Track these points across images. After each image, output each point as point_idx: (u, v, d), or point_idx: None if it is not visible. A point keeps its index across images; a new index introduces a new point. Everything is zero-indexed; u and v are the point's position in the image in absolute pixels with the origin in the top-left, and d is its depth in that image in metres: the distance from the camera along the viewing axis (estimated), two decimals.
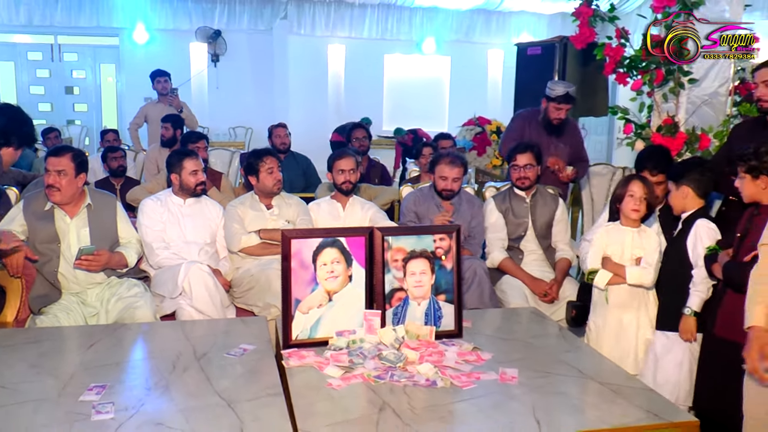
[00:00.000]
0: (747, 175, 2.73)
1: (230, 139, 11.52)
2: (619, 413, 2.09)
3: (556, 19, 12.83)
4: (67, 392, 2.13)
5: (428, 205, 4.06)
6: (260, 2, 11.87)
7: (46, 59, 12.18)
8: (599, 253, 3.15)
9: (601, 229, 3.23)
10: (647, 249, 3.07)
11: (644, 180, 3.13)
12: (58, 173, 3.30)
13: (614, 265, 3.09)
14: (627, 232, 3.12)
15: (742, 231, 2.83)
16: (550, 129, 4.91)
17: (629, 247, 3.10)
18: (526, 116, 5.13)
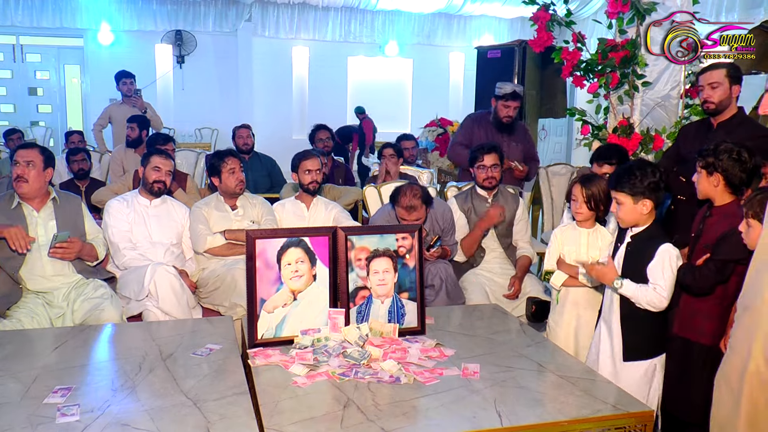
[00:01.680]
0: (703, 171, 2.82)
1: (196, 140, 11.45)
2: (578, 405, 2.15)
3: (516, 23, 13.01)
4: (30, 395, 2.12)
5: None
6: (225, 4, 11.83)
7: (8, 60, 11.98)
8: (555, 253, 3.19)
9: (557, 229, 3.27)
10: (601, 246, 3.11)
11: (588, 181, 3.10)
12: (27, 164, 3.31)
13: (568, 267, 3.12)
14: (582, 233, 3.15)
15: (696, 231, 2.92)
16: (501, 128, 4.99)
17: (585, 247, 3.13)
18: (476, 118, 5.21)
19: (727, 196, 2.80)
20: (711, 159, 2.78)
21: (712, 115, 3.62)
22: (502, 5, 12.25)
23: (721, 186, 2.79)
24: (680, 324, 2.83)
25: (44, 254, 3.33)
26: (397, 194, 3.67)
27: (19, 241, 3.16)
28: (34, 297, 3.32)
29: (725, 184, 2.78)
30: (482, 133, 5.07)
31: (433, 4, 12.19)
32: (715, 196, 2.82)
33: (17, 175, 3.32)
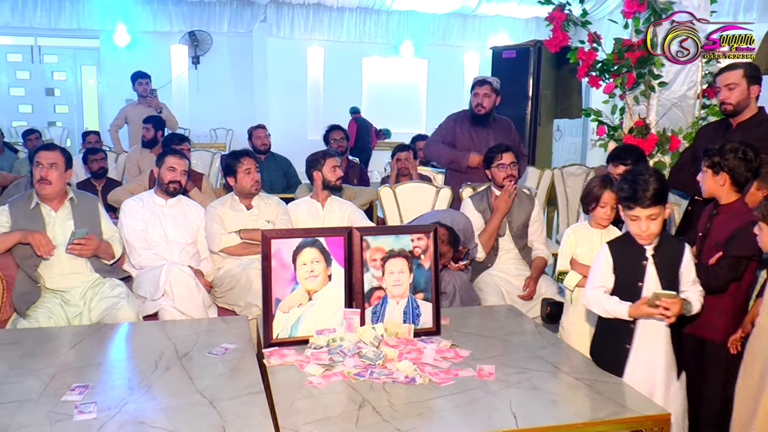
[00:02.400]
0: (709, 170, 2.84)
1: (211, 140, 11.51)
2: (593, 407, 2.14)
3: (531, 23, 12.97)
4: (49, 392, 2.14)
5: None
6: (240, 5, 11.87)
7: (26, 61, 12.10)
8: (568, 254, 3.16)
9: (569, 229, 3.24)
10: None
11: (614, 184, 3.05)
12: (51, 166, 3.36)
13: (582, 267, 3.07)
14: (595, 233, 3.13)
15: (703, 230, 2.92)
16: (476, 120, 4.97)
17: (598, 247, 3.02)
18: (456, 117, 5.19)
19: (732, 194, 2.83)
20: (717, 158, 2.81)
21: (730, 116, 3.59)
22: (517, 5, 12.22)
23: (728, 185, 2.82)
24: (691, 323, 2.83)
25: (62, 253, 3.36)
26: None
27: (43, 246, 3.22)
28: (52, 296, 3.35)
29: (731, 183, 2.82)
30: (463, 131, 5.02)
31: (447, 4, 12.17)
32: (721, 195, 2.85)
33: (41, 177, 3.35)
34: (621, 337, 2.53)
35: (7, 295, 3.26)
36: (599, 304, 2.52)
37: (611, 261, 2.55)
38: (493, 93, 4.93)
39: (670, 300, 2.33)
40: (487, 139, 4.90)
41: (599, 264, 2.58)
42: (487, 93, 4.90)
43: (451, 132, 5.09)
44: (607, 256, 2.56)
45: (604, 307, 2.49)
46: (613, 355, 2.54)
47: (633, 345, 2.51)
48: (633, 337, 2.51)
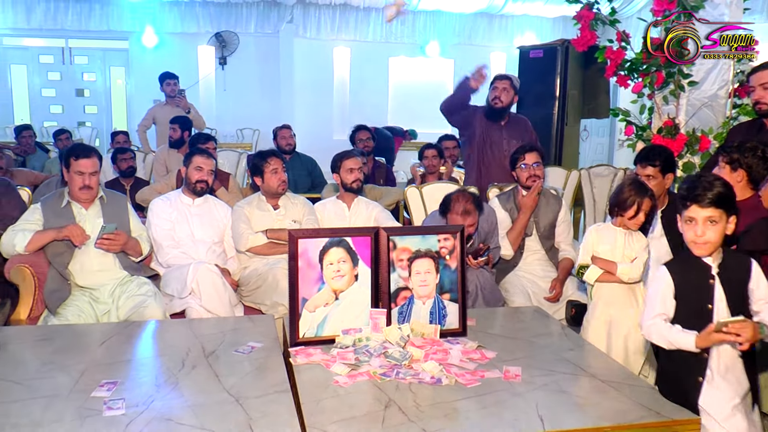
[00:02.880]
0: (727, 166, 2.84)
1: (237, 140, 11.57)
2: (621, 410, 2.11)
3: (558, 22, 12.86)
4: (78, 388, 2.17)
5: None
6: (267, 6, 11.93)
7: (57, 62, 12.28)
8: (589, 250, 3.15)
9: (593, 227, 3.23)
10: (636, 248, 3.06)
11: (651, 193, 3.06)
12: (92, 174, 3.45)
13: (602, 261, 3.08)
14: (618, 233, 3.11)
15: None
16: (492, 115, 4.91)
17: (621, 247, 3.08)
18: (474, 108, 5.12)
19: (747, 191, 2.88)
20: (736, 155, 2.84)
21: (765, 116, 3.53)
22: (544, 4, 12.12)
23: (744, 182, 2.87)
24: None
25: (92, 250, 3.42)
26: (449, 202, 3.63)
27: (79, 236, 3.32)
28: (81, 294, 3.40)
29: (747, 180, 2.87)
30: (479, 126, 4.98)
31: (474, 3, 12.11)
32: (737, 192, 2.82)
33: (84, 185, 3.44)
34: (691, 369, 2.25)
35: (39, 292, 3.32)
36: (661, 336, 2.26)
37: (672, 284, 2.27)
38: (512, 89, 4.88)
39: (739, 325, 2.07)
40: (500, 135, 4.86)
41: (657, 289, 2.31)
42: (506, 88, 4.86)
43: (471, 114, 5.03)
44: (667, 279, 2.28)
45: (667, 338, 2.24)
46: (684, 389, 2.25)
47: (706, 377, 2.24)
48: (705, 369, 2.24)
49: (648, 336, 2.34)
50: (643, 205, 3.03)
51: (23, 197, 3.94)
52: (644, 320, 2.32)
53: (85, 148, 3.47)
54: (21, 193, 3.94)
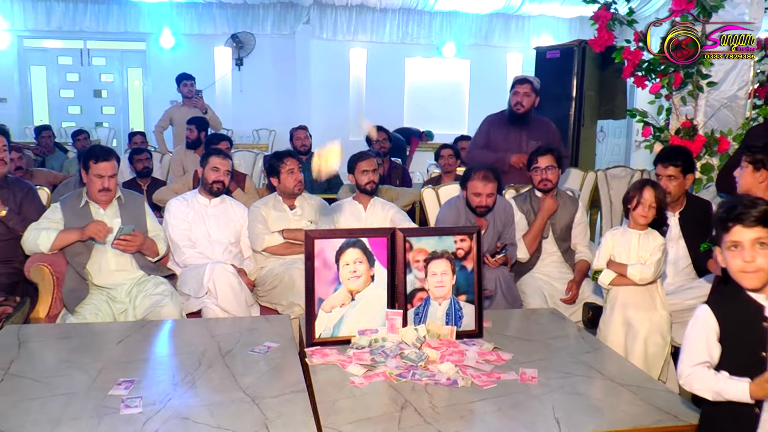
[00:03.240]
0: (749, 166, 2.81)
1: (254, 141, 11.60)
2: (638, 414, 2.09)
3: (575, 22, 12.80)
4: (96, 386, 2.19)
5: (462, 221, 3.92)
6: (283, 7, 11.97)
7: (75, 64, 12.40)
8: (606, 254, 3.12)
9: (609, 232, 3.21)
10: (651, 248, 3.03)
11: (656, 186, 3.07)
12: (111, 177, 3.49)
13: (617, 265, 3.06)
14: (633, 235, 3.08)
15: None
16: (515, 120, 4.88)
17: (635, 249, 3.06)
18: (491, 119, 5.12)
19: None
20: (760, 156, 2.81)
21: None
22: (561, 5, 12.07)
23: (766, 183, 2.84)
24: None
25: (109, 250, 3.46)
26: (470, 172, 3.84)
27: (101, 232, 3.35)
28: (99, 293, 3.43)
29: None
30: (499, 133, 4.96)
31: (490, 4, 12.08)
32: (758, 192, 2.83)
33: (103, 188, 3.47)
34: (741, 424, 1.89)
35: (57, 291, 3.35)
36: (705, 386, 1.87)
37: (716, 327, 1.89)
38: (533, 93, 4.85)
39: None
40: (521, 139, 4.84)
41: (698, 332, 1.92)
42: (527, 92, 4.82)
43: (485, 133, 5.04)
44: (709, 321, 1.90)
45: (713, 388, 1.85)
46: None
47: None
48: (758, 424, 1.86)
49: (688, 386, 1.94)
50: (645, 195, 3.01)
51: (42, 197, 3.97)
52: (683, 367, 1.94)
53: (104, 151, 3.49)
54: (40, 193, 3.97)
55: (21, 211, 3.66)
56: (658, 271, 3.02)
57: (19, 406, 2.03)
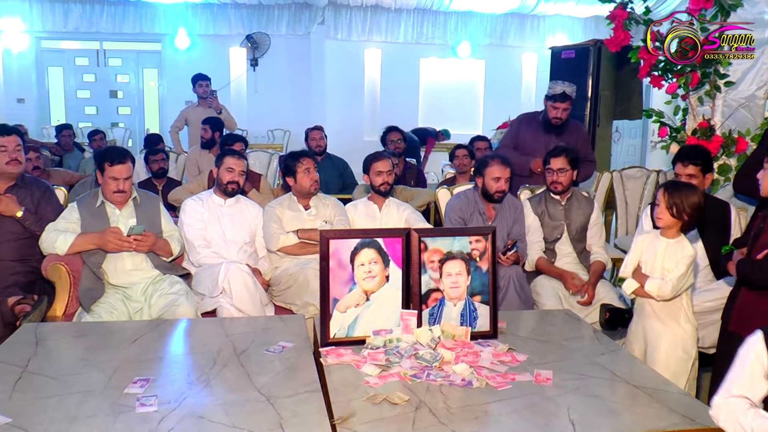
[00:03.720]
0: None
1: (268, 141, 11.64)
2: (655, 417, 2.08)
3: (590, 22, 12.75)
4: (112, 385, 2.20)
5: (472, 210, 4.03)
6: (298, 8, 12.00)
7: (92, 64, 12.51)
8: (634, 261, 3.01)
9: (640, 236, 3.07)
10: (677, 260, 2.85)
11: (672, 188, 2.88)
12: (126, 179, 3.51)
13: (639, 275, 2.95)
14: (661, 243, 2.93)
15: (756, 230, 2.85)
16: (549, 128, 4.88)
17: (660, 258, 2.91)
18: (524, 118, 5.12)
19: None
20: None
21: None
22: (576, 4, 12.02)
23: None
24: (738, 320, 2.74)
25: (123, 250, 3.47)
26: (486, 159, 3.97)
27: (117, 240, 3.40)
28: (114, 292, 3.45)
29: None
30: (528, 133, 4.96)
31: (505, 4, 12.05)
32: None
33: (118, 190, 3.50)
34: None
35: (74, 290, 3.38)
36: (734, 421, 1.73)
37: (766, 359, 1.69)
38: (570, 106, 4.85)
39: None
40: (550, 141, 4.82)
41: (744, 366, 1.75)
42: (567, 108, 4.81)
43: (515, 133, 5.04)
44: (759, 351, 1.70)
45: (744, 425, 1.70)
46: None
47: None
48: None
49: (715, 419, 1.81)
50: (659, 197, 2.88)
51: (59, 196, 4.01)
52: (717, 398, 1.80)
53: (119, 154, 3.51)
54: (57, 193, 4.00)
55: (38, 210, 3.69)
56: (679, 287, 2.84)
57: (36, 404, 2.05)
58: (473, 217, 4.01)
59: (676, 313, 2.91)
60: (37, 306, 3.19)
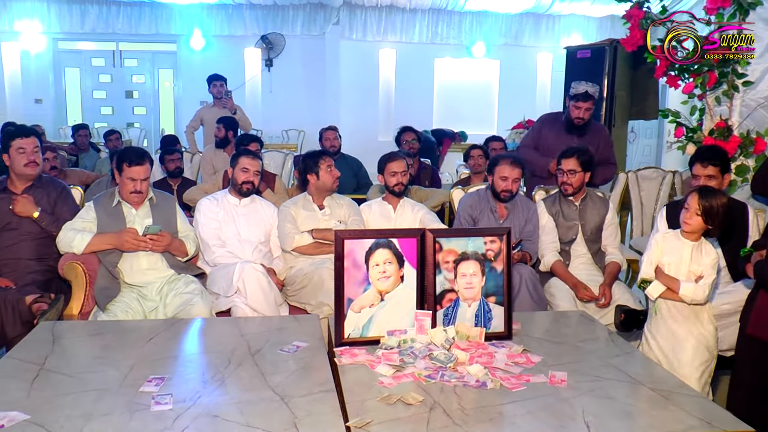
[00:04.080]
0: None
1: (283, 141, 11.68)
2: (671, 420, 2.06)
3: (605, 21, 12.69)
4: (127, 383, 2.21)
5: (483, 208, 4.04)
6: (313, 8, 12.03)
7: (108, 65, 12.61)
8: (654, 261, 2.98)
9: (659, 235, 3.04)
10: (705, 265, 2.85)
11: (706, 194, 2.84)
12: (143, 180, 3.53)
13: (668, 278, 2.90)
14: (686, 245, 2.90)
15: None
16: (571, 129, 4.85)
17: (687, 261, 2.88)
18: (546, 118, 5.10)
19: None
20: None
21: None
22: (591, 4, 11.96)
23: None
24: (756, 323, 2.71)
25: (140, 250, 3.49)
26: (498, 158, 3.99)
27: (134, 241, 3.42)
28: (129, 291, 3.48)
29: None
30: (551, 134, 4.94)
31: (521, 3, 12.01)
32: None
33: (135, 190, 3.53)
34: None
35: (90, 288, 3.41)
36: None
37: None
38: (593, 106, 4.82)
39: None
40: (572, 144, 4.80)
41: None
42: (589, 107, 4.79)
43: (537, 133, 5.03)
44: None
45: None
46: None
47: None
48: None
49: None
50: (688, 201, 2.86)
51: (75, 196, 4.04)
52: None
53: (138, 155, 3.52)
54: (73, 192, 4.04)
55: (54, 210, 3.73)
56: (708, 293, 2.85)
57: (53, 401, 2.06)
58: (484, 215, 4.01)
59: (700, 315, 2.91)
60: (54, 304, 3.22)
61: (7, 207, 3.63)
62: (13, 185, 3.71)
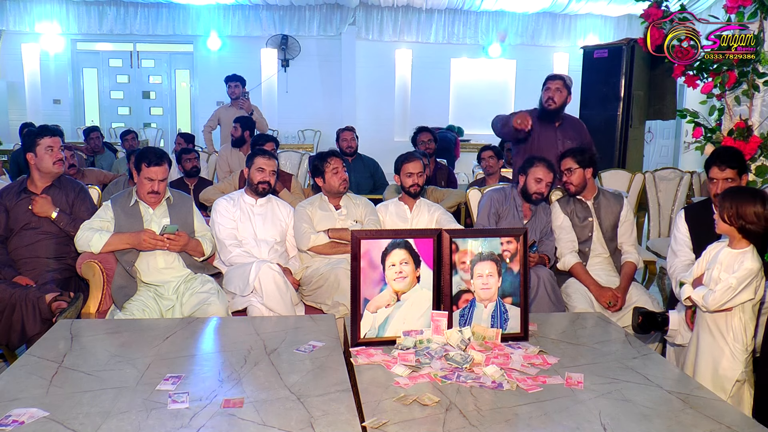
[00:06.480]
0: None
1: (299, 141, 11.72)
2: (689, 423, 2.04)
3: (622, 21, 12.61)
4: (144, 381, 2.23)
5: (509, 205, 4.04)
6: (330, 9, 12.06)
7: (125, 66, 12.73)
8: (701, 268, 2.90)
9: (714, 244, 2.92)
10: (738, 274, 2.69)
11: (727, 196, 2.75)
12: (161, 181, 3.56)
13: (697, 282, 2.86)
14: (725, 253, 2.79)
15: None
16: (545, 116, 4.84)
17: (717, 267, 2.79)
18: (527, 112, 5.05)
19: None
20: None
21: None
22: (608, 4, 11.90)
23: None
24: None
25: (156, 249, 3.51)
26: (533, 159, 3.98)
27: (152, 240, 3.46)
28: (146, 290, 3.50)
29: None
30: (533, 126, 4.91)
31: (537, 3, 11.97)
32: None
33: (152, 191, 3.56)
34: None
35: (107, 287, 3.43)
36: None
37: None
38: (565, 89, 4.81)
39: None
40: (556, 138, 4.79)
41: None
42: (559, 87, 4.78)
43: None
44: None
45: None
46: None
47: None
48: None
49: None
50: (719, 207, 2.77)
51: (93, 195, 4.08)
52: None
53: (157, 155, 3.55)
54: (91, 192, 4.08)
55: (72, 210, 3.77)
56: (723, 300, 2.70)
57: (71, 398, 2.08)
58: (509, 212, 4.01)
59: (727, 329, 2.78)
60: (73, 303, 3.25)
61: (27, 207, 3.68)
62: (34, 185, 3.76)
